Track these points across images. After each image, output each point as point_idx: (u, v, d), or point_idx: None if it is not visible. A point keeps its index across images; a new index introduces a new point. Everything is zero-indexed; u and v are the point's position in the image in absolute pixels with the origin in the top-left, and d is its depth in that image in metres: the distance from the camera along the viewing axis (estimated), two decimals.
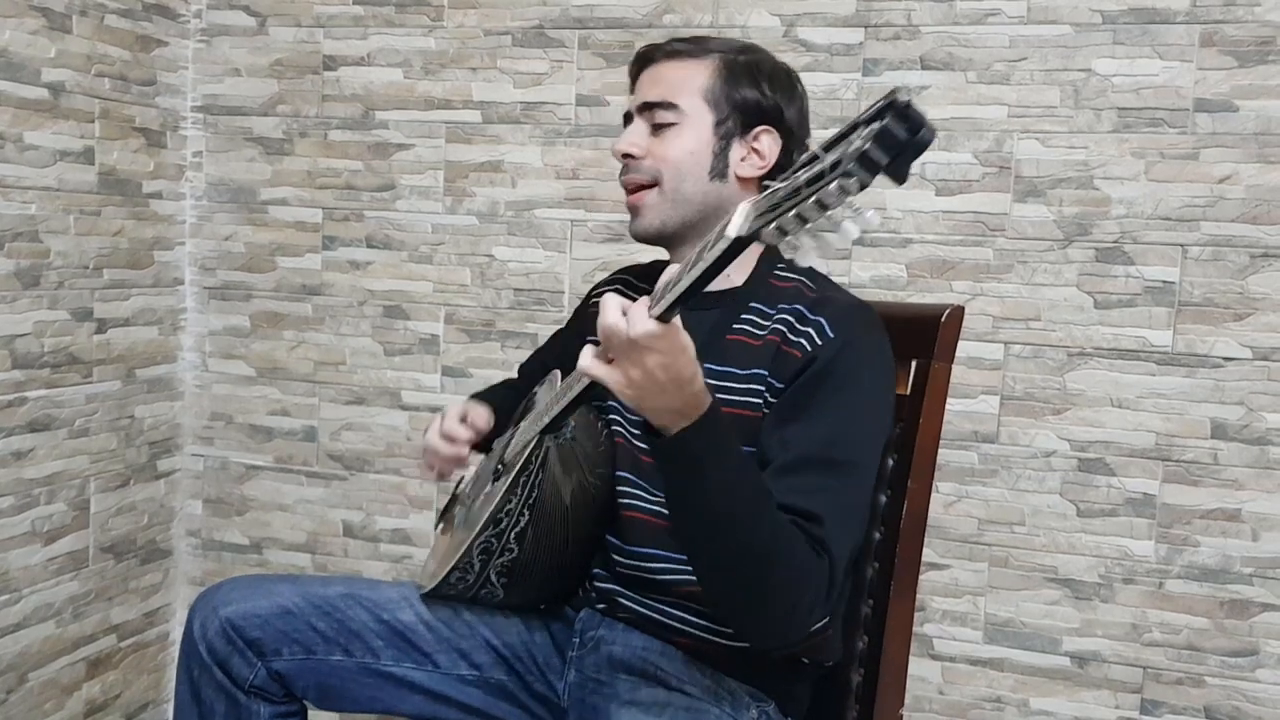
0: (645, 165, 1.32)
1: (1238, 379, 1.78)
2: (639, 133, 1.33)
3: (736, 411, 1.23)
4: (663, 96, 1.31)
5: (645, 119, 1.33)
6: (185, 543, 2.35)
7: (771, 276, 1.31)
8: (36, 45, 1.90)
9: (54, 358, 2.00)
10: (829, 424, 1.18)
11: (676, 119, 1.31)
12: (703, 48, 1.33)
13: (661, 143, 1.31)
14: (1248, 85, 1.74)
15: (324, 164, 2.19)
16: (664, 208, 1.31)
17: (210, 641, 1.32)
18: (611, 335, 1.04)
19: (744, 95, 1.31)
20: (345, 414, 2.23)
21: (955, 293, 1.88)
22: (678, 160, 1.30)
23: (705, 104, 1.31)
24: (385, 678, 1.35)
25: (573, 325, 1.56)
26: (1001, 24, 1.83)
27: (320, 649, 1.33)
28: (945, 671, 1.94)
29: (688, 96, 1.30)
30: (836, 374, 1.20)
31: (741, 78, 1.32)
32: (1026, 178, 1.84)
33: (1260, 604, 1.79)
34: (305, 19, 2.18)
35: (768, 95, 1.33)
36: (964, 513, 1.91)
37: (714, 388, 1.21)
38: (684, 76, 1.31)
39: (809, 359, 1.21)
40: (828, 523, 1.14)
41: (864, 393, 1.22)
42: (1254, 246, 1.76)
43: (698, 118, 1.30)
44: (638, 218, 1.33)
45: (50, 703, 2.07)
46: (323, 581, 1.42)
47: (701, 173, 1.31)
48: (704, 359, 1.20)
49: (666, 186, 1.31)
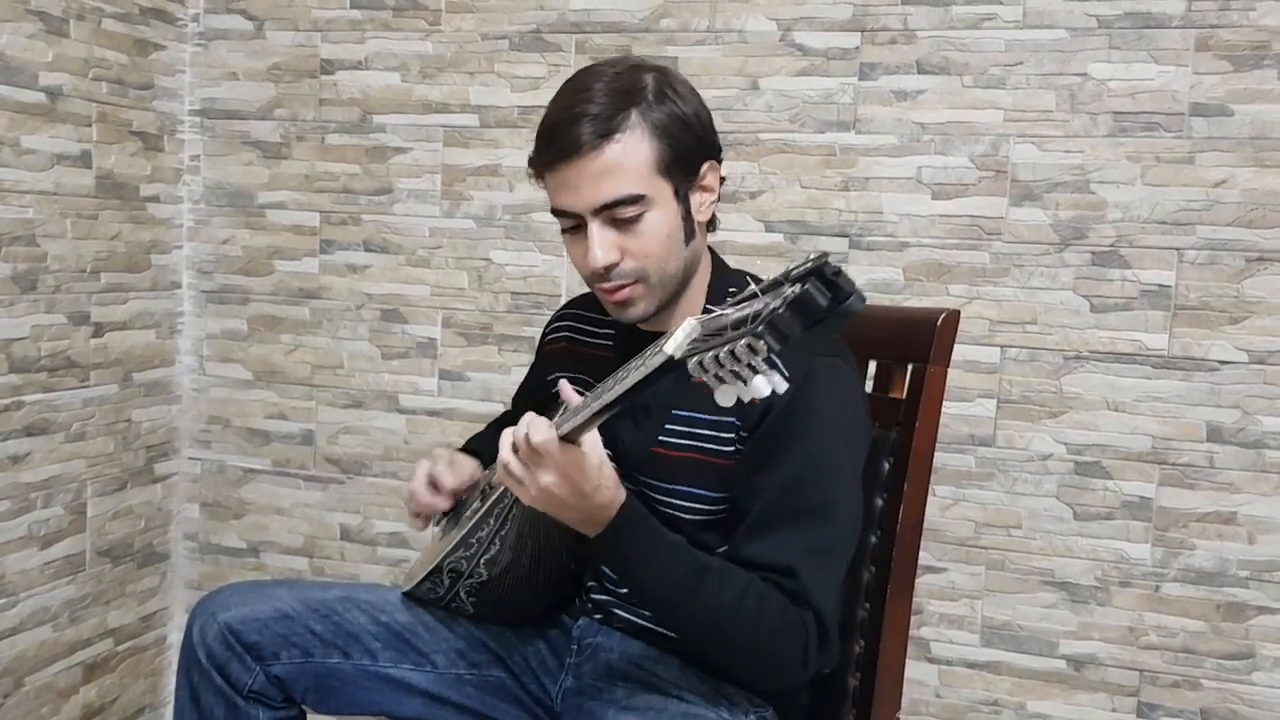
0: (626, 268, 1.22)
1: (1233, 382, 1.78)
2: (606, 237, 1.20)
3: (709, 460, 1.24)
4: (622, 192, 1.18)
5: (603, 219, 1.20)
6: (182, 546, 2.35)
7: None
8: (34, 49, 1.90)
9: (51, 361, 2.00)
10: (795, 468, 1.19)
11: (643, 208, 1.19)
12: (614, 113, 1.18)
13: (636, 238, 1.20)
14: (1243, 89, 1.74)
15: (321, 167, 2.19)
16: (655, 295, 1.24)
17: (209, 646, 1.32)
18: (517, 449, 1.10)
19: (682, 145, 1.21)
20: (343, 417, 2.23)
21: (951, 296, 1.88)
22: (659, 249, 1.21)
23: (662, 179, 1.20)
24: (383, 679, 1.35)
25: (535, 370, 1.55)
26: (997, 28, 1.83)
27: (318, 651, 1.34)
28: (942, 675, 1.94)
29: (645, 179, 1.19)
30: (796, 413, 1.19)
31: (671, 126, 1.20)
32: (1023, 181, 1.84)
33: (1256, 607, 1.79)
34: (303, 23, 2.18)
35: (695, 126, 1.23)
36: (961, 516, 1.91)
37: (682, 433, 1.26)
38: (629, 161, 1.18)
39: (765, 404, 1.14)
40: (802, 573, 1.16)
41: (827, 425, 1.20)
42: (1249, 250, 1.76)
43: (661, 196, 1.21)
44: (630, 309, 1.25)
45: (47, 707, 2.06)
46: (321, 586, 1.42)
47: (679, 248, 1.24)
48: (671, 406, 1.27)
49: (654, 278, 1.23)
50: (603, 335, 1.40)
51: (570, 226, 1.24)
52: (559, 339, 1.46)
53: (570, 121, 1.19)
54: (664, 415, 1.27)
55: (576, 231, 1.23)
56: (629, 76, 1.22)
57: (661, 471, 1.27)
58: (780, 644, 1.16)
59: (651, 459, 1.27)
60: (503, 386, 2.09)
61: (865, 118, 1.90)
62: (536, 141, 1.24)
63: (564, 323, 1.47)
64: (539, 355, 1.52)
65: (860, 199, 1.91)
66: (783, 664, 1.18)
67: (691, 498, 1.25)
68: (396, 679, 1.35)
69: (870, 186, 1.91)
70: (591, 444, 1.09)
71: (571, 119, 1.19)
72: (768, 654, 1.17)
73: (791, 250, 1.92)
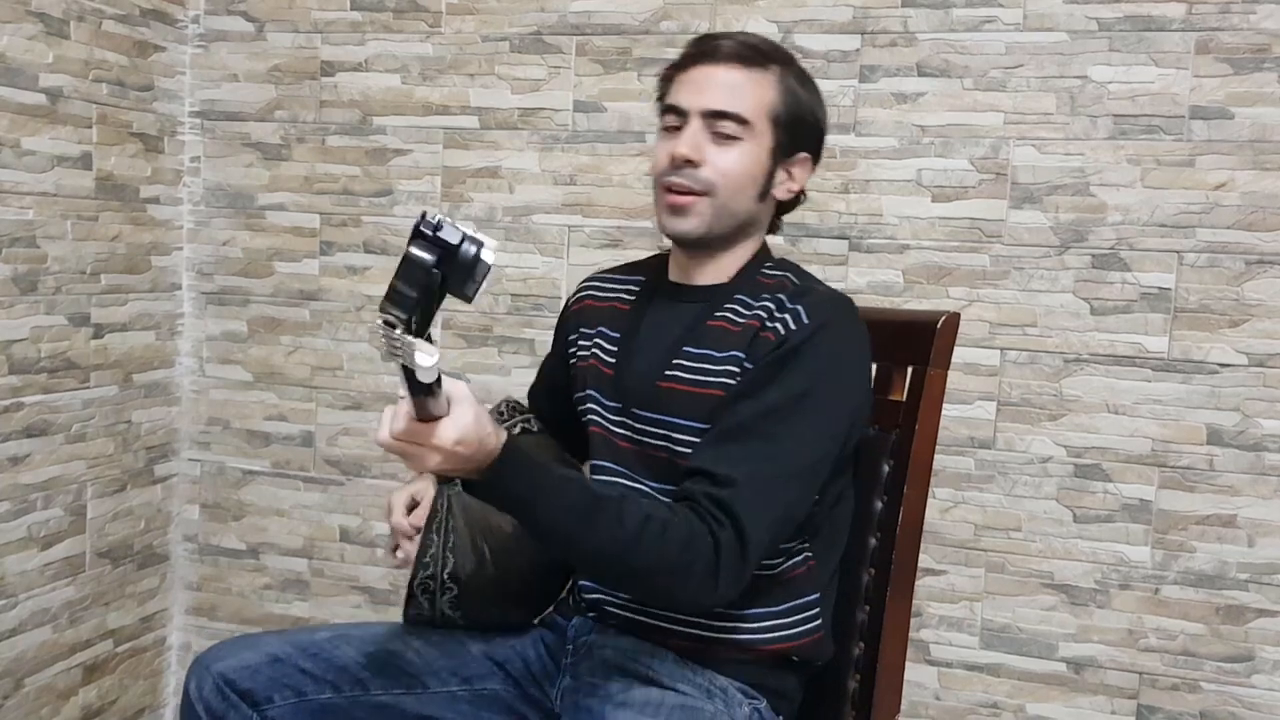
0: (702, 174, 1.28)
1: (1233, 385, 1.78)
2: (700, 138, 1.28)
3: (707, 392, 1.26)
4: (735, 108, 1.27)
5: (706, 124, 1.28)
6: (182, 548, 2.35)
7: (759, 274, 1.33)
8: (34, 50, 1.90)
9: (51, 363, 2.00)
10: (778, 398, 1.21)
11: (742, 135, 1.28)
12: (765, 57, 1.30)
13: (723, 154, 1.28)
14: (1243, 92, 1.75)
15: (321, 169, 2.19)
16: (710, 217, 1.29)
17: (206, 700, 1.32)
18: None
19: (800, 120, 1.31)
20: (342, 419, 2.23)
21: (951, 299, 1.88)
22: (737, 177, 1.28)
23: (770, 125, 1.29)
24: (377, 708, 1.34)
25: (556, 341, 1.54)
26: (998, 31, 1.84)
27: (310, 690, 1.33)
28: (941, 677, 1.94)
29: (757, 114, 1.28)
30: (802, 354, 1.22)
31: (800, 100, 1.31)
32: (1023, 184, 1.84)
33: (1256, 609, 1.80)
34: (303, 24, 2.18)
35: (816, 121, 1.33)
36: (960, 518, 1.91)
37: (690, 368, 1.28)
38: (754, 90, 1.28)
39: (780, 340, 1.24)
40: (741, 486, 1.17)
41: (823, 372, 1.23)
42: (1249, 253, 1.76)
43: (761, 137, 1.29)
44: (681, 217, 1.29)
45: (46, 708, 2.06)
46: (310, 630, 1.44)
47: (753, 191, 1.30)
48: (683, 344, 1.30)
49: (719, 199, 1.28)
50: (623, 289, 1.44)
51: (672, 125, 1.30)
52: (582, 299, 1.48)
53: (725, 37, 1.31)
54: (674, 351, 1.30)
55: (675, 131, 1.30)
56: (789, 53, 1.34)
57: (662, 405, 1.29)
58: (686, 571, 1.14)
59: (655, 393, 1.30)
60: (503, 388, 2.09)
61: (865, 120, 1.90)
62: (688, 46, 1.33)
63: (587, 285, 1.50)
64: (562, 322, 1.53)
65: (860, 201, 1.92)
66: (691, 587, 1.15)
67: (687, 430, 1.27)
68: (389, 705, 1.35)
69: (870, 189, 1.91)
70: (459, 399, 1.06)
71: (727, 36, 1.32)
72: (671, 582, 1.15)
73: (792, 253, 1.92)
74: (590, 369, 1.40)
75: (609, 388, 1.36)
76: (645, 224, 2.01)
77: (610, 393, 1.36)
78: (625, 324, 1.38)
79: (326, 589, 2.26)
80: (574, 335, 1.45)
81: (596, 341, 1.40)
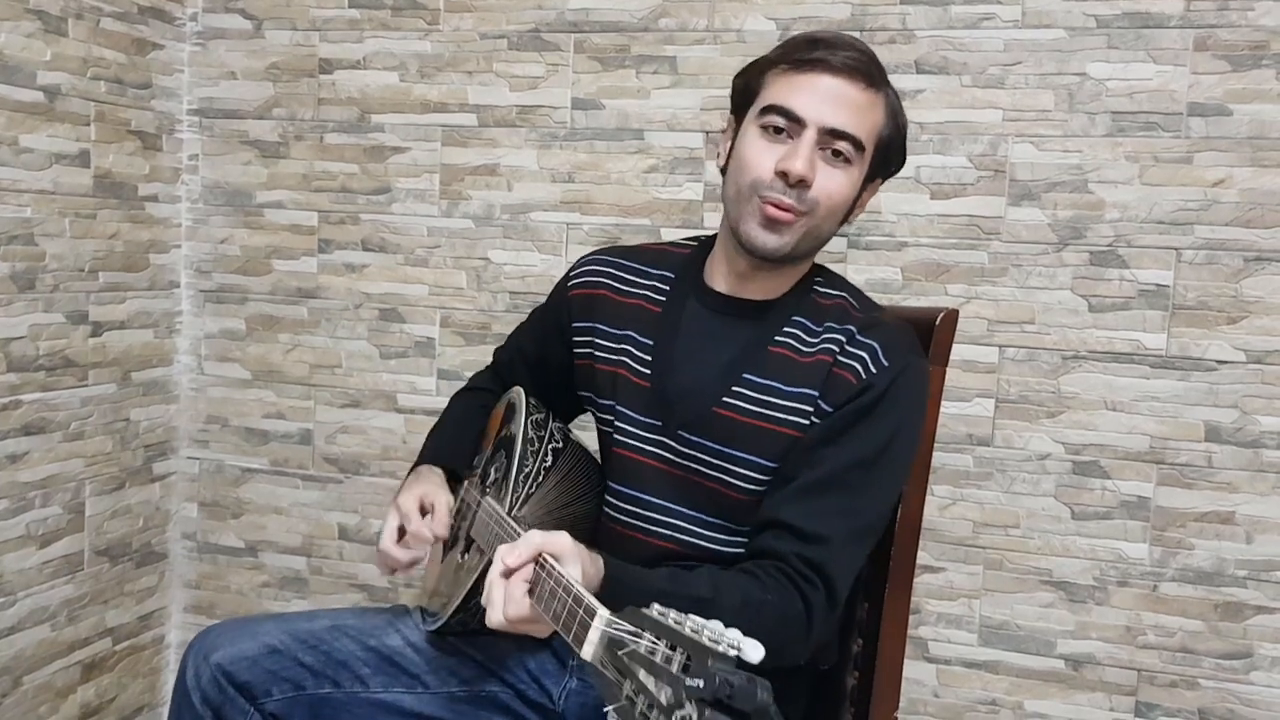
0: (810, 196, 1.19)
1: (1232, 382, 1.78)
2: (815, 154, 1.19)
3: (778, 429, 1.21)
4: (856, 131, 1.19)
5: (822, 141, 1.19)
6: (180, 546, 2.35)
7: (813, 291, 1.27)
8: (32, 48, 1.90)
9: (49, 361, 2.00)
10: (863, 449, 1.18)
11: (854, 159, 1.21)
12: (881, 76, 1.22)
13: (832, 177, 1.20)
14: (1241, 89, 1.75)
15: (320, 167, 2.19)
16: (801, 237, 1.22)
17: (204, 691, 1.31)
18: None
19: (888, 146, 1.24)
20: (341, 417, 2.23)
21: (950, 296, 1.88)
22: (840, 202, 1.22)
23: (874, 151, 1.23)
24: (376, 705, 1.34)
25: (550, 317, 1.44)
26: (996, 28, 1.84)
27: (309, 684, 1.33)
28: (940, 674, 1.94)
29: (871, 138, 1.21)
30: (885, 402, 1.19)
31: (899, 128, 1.25)
32: (1021, 181, 1.84)
33: (1254, 606, 1.80)
34: (301, 22, 2.18)
35: (904, 149, 1.28)
36: (959, 515, 1.91)
37: (752, 399, 1.22)
38: (871, 113, 1.21)
39: (863, 386, 1.19)
40: (834, 545, 1.15)
41: (905, 419, 1.21)
42: (1248, 250, 1.76)
43: (865, 162, 1.23)
44: (775, 234, 1.20)
45: (45, 706, 2.06)
46: (308, 616, 1.41)
47: (839, 219, 1.25)
48: (743, 369, 1.23)
49: (815, 220, 1.21)
50: (650, 286, 1.34)
51: (777, 127, 1.20)
52: (593, 284, 1.37)
53: (855, 48, 1.20)
54: (731, 376, 1.24)
55: (779, 135, 1.20)
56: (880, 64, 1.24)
57: (721, 434, 1.23)
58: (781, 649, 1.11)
59: (709, 419, 1.23)
60: None
61: None
62: (801, 44, 1.22)
63: (598, 268, 1.38)
64: (559, 301, 1.42)
65: None
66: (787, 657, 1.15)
67: (749, 465, 1.22)
68: (389, 703, 1.34)
69: None
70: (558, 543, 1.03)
71: (858, 48, 1.21)
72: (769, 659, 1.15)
73: None
74: (616, 376, 1.32)
75: (644, 403, 1.28)
76: (644, 221, 2.01)
77: (646, 409, 1.28)
78: (659, 331, 1.30)
79: (325, 587, 2.26)
80: (581, 324, 1.37)
81: (625, 348, 1.32)
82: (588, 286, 1.38)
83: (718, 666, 0.78)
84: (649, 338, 1.30)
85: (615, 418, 1.31)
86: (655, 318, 1.31)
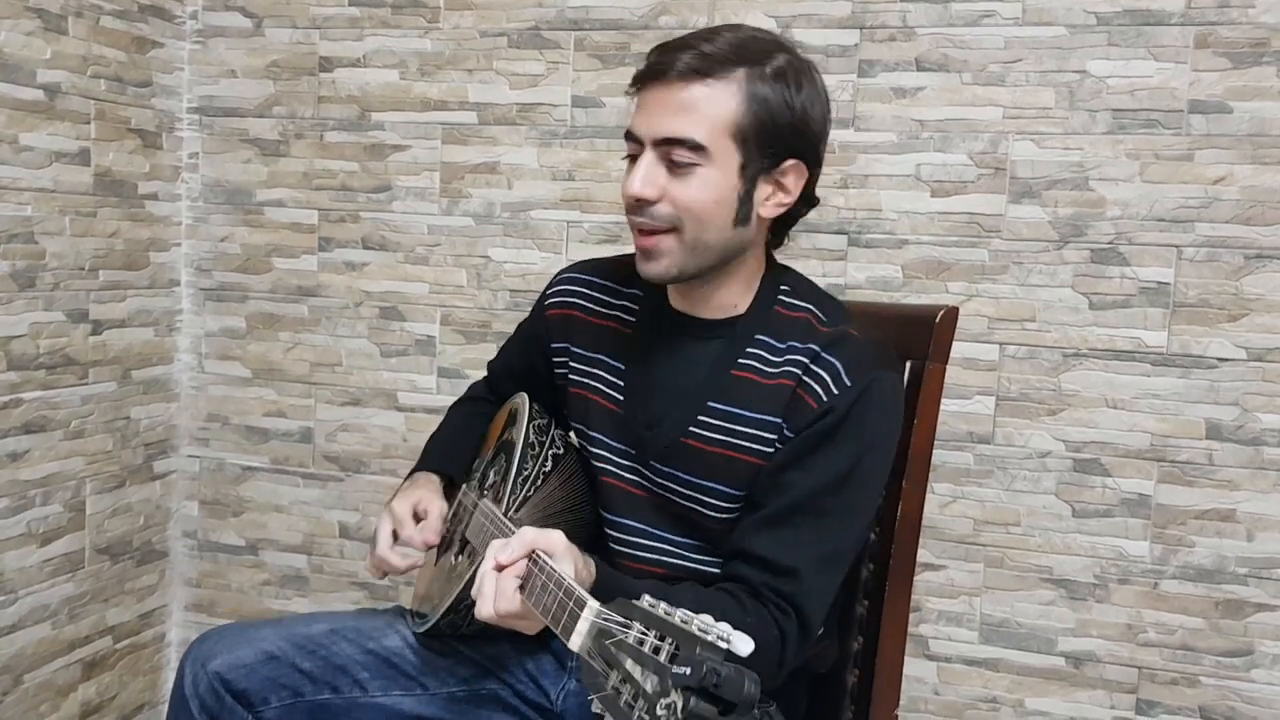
0: (661, 211, 1.16)
1: (1232, 380, 1.78)
2: (654, 171, 1.16)
3: (741, 457, 1.20)
4: (685, 134, 1.13)
5: (659, 153, 1.15)
6: (181, 544, 2.35)
7: (777, 304, 1.24)
8: (32, 46, 1.90)
9: (49, 359, 2.00)
10: (830, 473, 1.16)
11: (700, 160, 1.14)
12: (724, 61, 1.14)
13: (682, 186, 1.15)
14: (1242, 87, 1.74)
15: (320, 165, 2.19)
16: (682, 255, 1.18)
17: (201, 698, 1.31)
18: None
19: (774, 127, 1.15)
20: (341, 415, 2.23)
21: (950, 293, 1.88)
22: (701, 208, 1.15)
23: (733, 143, 1.14)
24: (375, 709, 1.33)
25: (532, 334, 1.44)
26: (996, 25, 1.83)
27: (308, 690, 1.32)
28: (941, 672, 1.94)
29: (714, 134, 1.14)
30: (848, 423, 1.16)
31: (771, 102, 1.15)
32: (1022, 179, 1.84)
33: (1255, 604, 1.80)
34: (301, 20, 2.18)
35: (798, 121, 1.17)
36: (959, 513, 1.91)
37: (717, 427, 1.21)
38: (708, 108, 1.13)
39: (825, 410, 1.15)
40: (804, 577, 1.14)
41: (873, 438, 1.19)
42: (1248, 247, 1.76)
43: (723, 160, 1.15)
44: (652, 261, 1.19)
45: (45, 704, 2.06)
46: (306, 620, 1.39)
47: (726, 221, 1.17)
48: (708, 396, 1.22)
49: (687, 235, 1.17)
50: (621, 307, 1.33)
51: (633, 153, 1.19)
52: (567, 304, 1.37)
53: (678, 49, 1.15)
54: (697, 405, 1.22)
55: (634, 161, 1.18)
56: (764, 44, 1.18)
57: (690, 465, 1.22)
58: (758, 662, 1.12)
59: (677, 450, 1.23)
60: None
61: (864, 115, 1.90)
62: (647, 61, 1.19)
63: (572, 287, 1.37)
64: (538, 319, 1.42)
65: (859, 196, 1.91)
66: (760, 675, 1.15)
67: (719, 495, 1.22)
68: (388, 707, 1.33)
69: (869, 184, 1.91)
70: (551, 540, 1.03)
71: (681, 47, 1.15)
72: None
73: (789, 248, 1.92)
74: (591, 403, 1.32)
75: (617, 432, 1.29)
76: None
77: (619, 436, 1.28)
78: (630, 355, 1.29)
79: (326, 585, 2.27)
80: (558, 344, 1.37)
81: (597, 372, 1.31)
82: (563, 307, 1.37)
83: (705, 655, 0.78)
84: (620, 362, 1.30)
85: (589, 442, 1.32)
86: (626, 340, 1.30)
